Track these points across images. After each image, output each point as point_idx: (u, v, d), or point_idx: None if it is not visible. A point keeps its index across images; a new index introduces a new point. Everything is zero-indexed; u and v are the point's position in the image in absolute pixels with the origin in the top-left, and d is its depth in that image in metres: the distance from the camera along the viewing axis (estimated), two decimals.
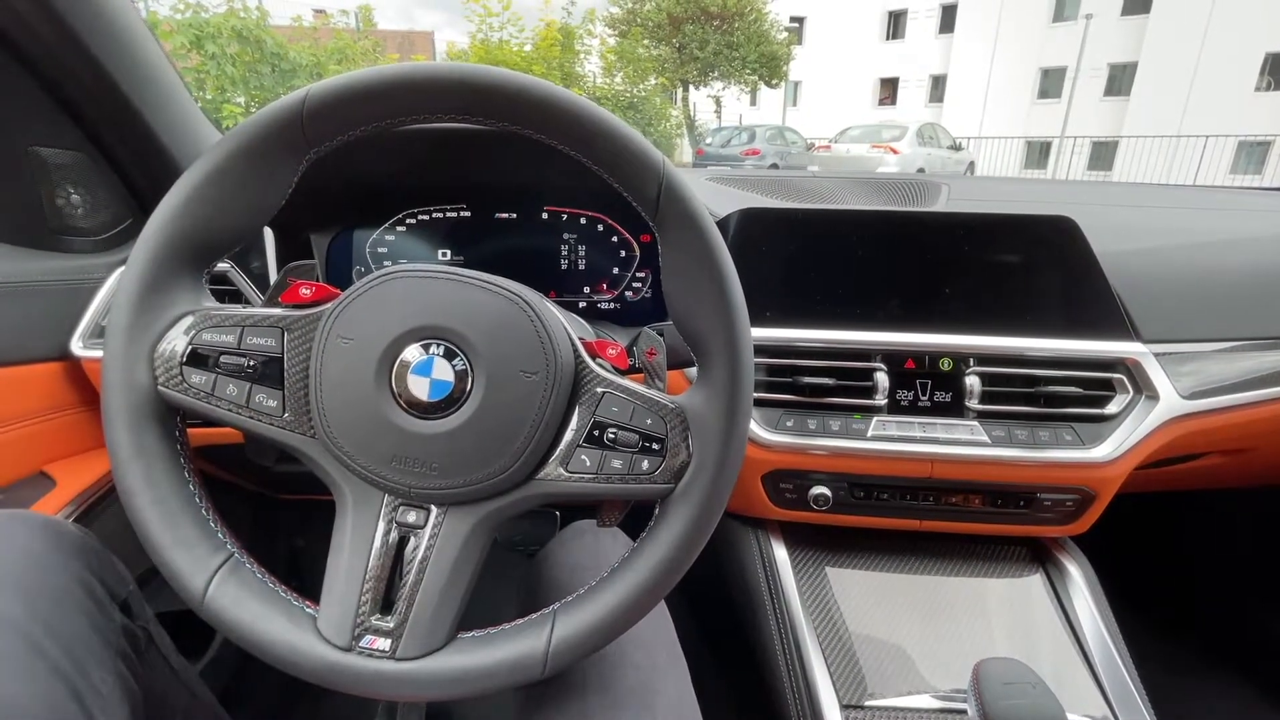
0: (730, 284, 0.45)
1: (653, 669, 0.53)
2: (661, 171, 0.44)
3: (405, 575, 0.45)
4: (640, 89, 11.90)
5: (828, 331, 0.74)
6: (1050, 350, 0.72)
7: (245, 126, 0.44)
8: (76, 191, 0.77)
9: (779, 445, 0.72)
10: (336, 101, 0.43)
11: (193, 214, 0.44)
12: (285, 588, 0.46)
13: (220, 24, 5.38)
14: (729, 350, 0.45)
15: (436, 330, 0.44)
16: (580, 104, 0.43)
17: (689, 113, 16.58)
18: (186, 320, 0.45)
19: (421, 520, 0.45)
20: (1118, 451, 0.70)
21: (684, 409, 0.45)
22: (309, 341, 0.45)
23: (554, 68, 9.68)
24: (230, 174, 0.44)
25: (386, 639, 0.44)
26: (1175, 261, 0.83)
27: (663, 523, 0.45)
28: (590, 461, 0.45)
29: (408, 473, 0.43)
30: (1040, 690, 0.49)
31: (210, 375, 0.45)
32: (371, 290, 0.44)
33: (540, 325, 0.44)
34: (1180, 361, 0.73)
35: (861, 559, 0.79)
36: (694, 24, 15.26)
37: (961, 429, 0.72)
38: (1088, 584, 0.74)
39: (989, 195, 1.06)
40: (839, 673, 0.68)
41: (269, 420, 0.45)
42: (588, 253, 0.88)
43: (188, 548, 0.43)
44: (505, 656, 0.43)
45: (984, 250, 0.76)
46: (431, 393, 0.43)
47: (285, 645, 0.43)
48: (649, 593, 0.44)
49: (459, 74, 0.43)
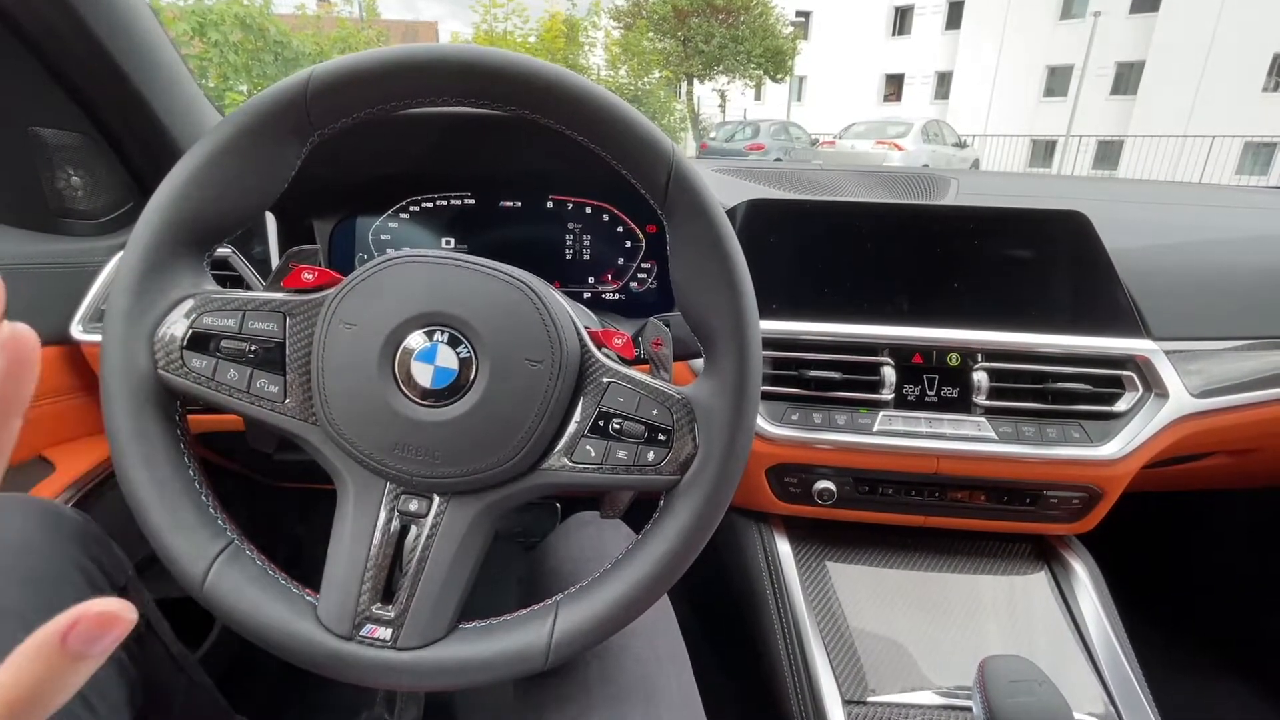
0: (740, 275, 0.44)
1: (655, 662, 0.52)
2: (671, 159, 0.43)
3: (407, 564, 0.44)
4: (645, 82, 11.86)
5: (834, 325, 0.73)
6: (1060, 347, 0.71)
7: (248, 107, 0.43)
8: (77, 174, 0.76)
9: (784, 439, 0.71)
10: (341, 83, 0.42)
11: (193, 196, 0.43)
12: (285, 575, 0.45)
13: (223, 11, 5.37)
14: (737, 342, 0.44)
15: (440, 317, 0.43)
16: (589, 88, 0.42)
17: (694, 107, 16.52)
18: (187, 304, 0.44)
19: (424, 509, 0.45)
20: (1126, 450, 0.69)
21: (691, 400, 0.45)
22: (311, 327, 0.44)
23: (558, 59, 9.66)
24: (232, 156, 0.43)
25: (387, 628, 0.43)
26: (1187, 259, 0.82)
27: (668, 515, 0.45)
28: (595, 452, 0.44)
29: (410, 460, 0.43)
30: (1047, 688, 0.48)
31: (211, 360, 0.44)
32: (375, 276, 0.44)
33: (546, 313, 0.43)
34: (1190, 360, 0.73)
35: (865, 554, 0.78)
36: (699, 17, 15.19)
37: (968, 425, 0.71)
38: (1093, 582, 0.74)
39: (998, 190, 1.04)
40: (841, 668, 0.67)
41: (270, 406, 0.45)
42: (593, 243, 0.87)
43: (187, 533, 0.43)
44: (507, 647, 0.43)
45: (993, 244, 0.75)
46: (435, 380, 0.42)
47: (285, 633, 0.42)
48: (653, 585, 0.44)
49: (466, 55, 0.42)
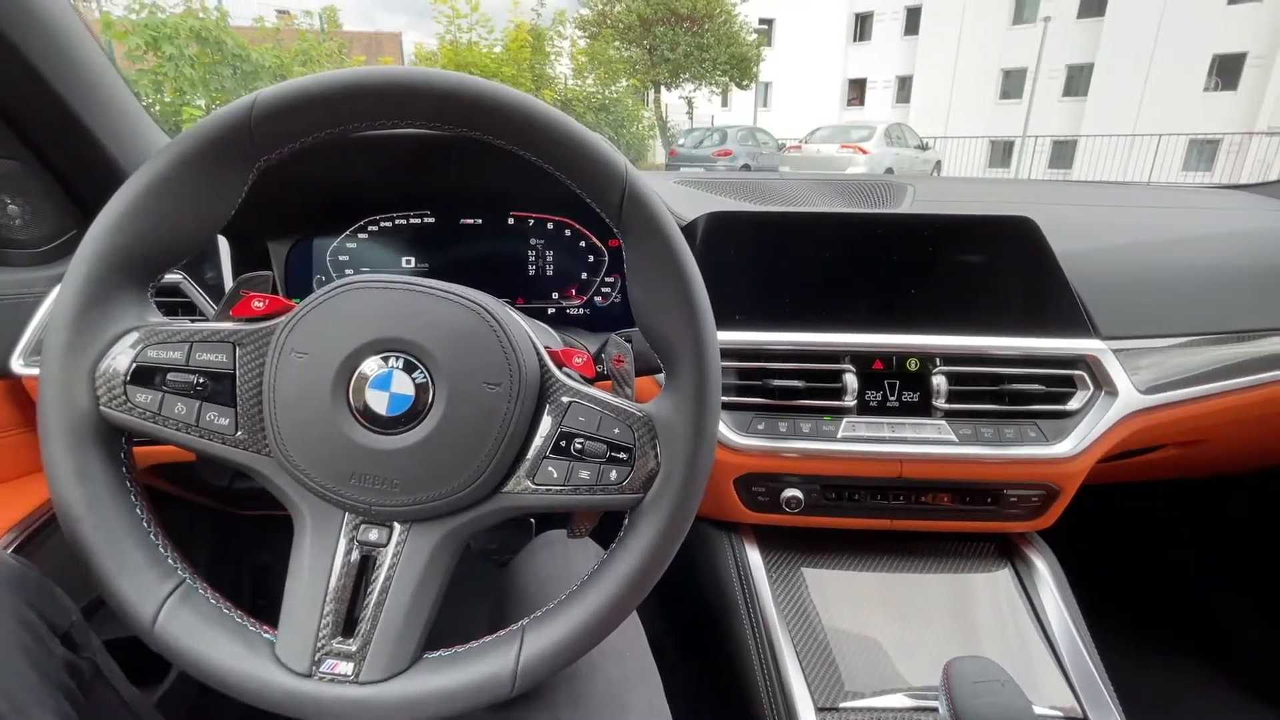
0: (696, 290, 0.44)
1: (624, 681, 0.52)
2: (625, 177, 0.43)
3: (368, 596, 0.43)
4: (612, 91, 11.88)
5: (797, 334, 0.74)
6: (1013, 349, 0.73)
7: (189, 134, 0.42)
8: (14, 201, 0.73)
9: (750, 449, 0.72)
10: (287, 107, 0.42)
11: (134, 226, 0.42)
12: (241, 613, 0.44)
13: (178, 24, 5.23)
14: (696, 357, 0.44)
15: (395, 342, 0.42)
16: (540, 109, 0.42)
17: (662, 114, 16.62)
18: (130, 337, 0.43)
19: (384, 538, 0.44)
20: (1079, 447, 0.71)
21: (652, 417, 0.45)
22: (262, 357, 0.43)
23: (524, 69, 9.60)
24: (174, 183, 0.42)
25: (349, 662, 0.42)
26: (1131, 259, 0.85)
27: (632, 533, 0.45)
28: (557, 473, 0.44)
29: (368, 490, 0.42)
30: (1009, 688, 0.49)
31: (157, 394, 0.43)
32: (326, 302, 0.43)
33: (503, 335, 0.43)
34: (1137, 357, 0.75)
35: (835, 559, 0.79)
36: (664, 26, 15.31)
37: (929, 428, 0.73)
38: (1054, 577, 0.76)
39: (954, 196, 1.07)
40: (814, 675, 0.68)
41: (221, 439, 0.43)
42: (556, 258, 0.87)
43: (134, 575, 0.41)
44: (473, 677, 0.42)
45: (947, 251, 0.77)
46: (391, 407, 0.42)
47: (241, 673, 0.41)
48: (619, 605, 0.44)
49: (417, 79, 0.42)
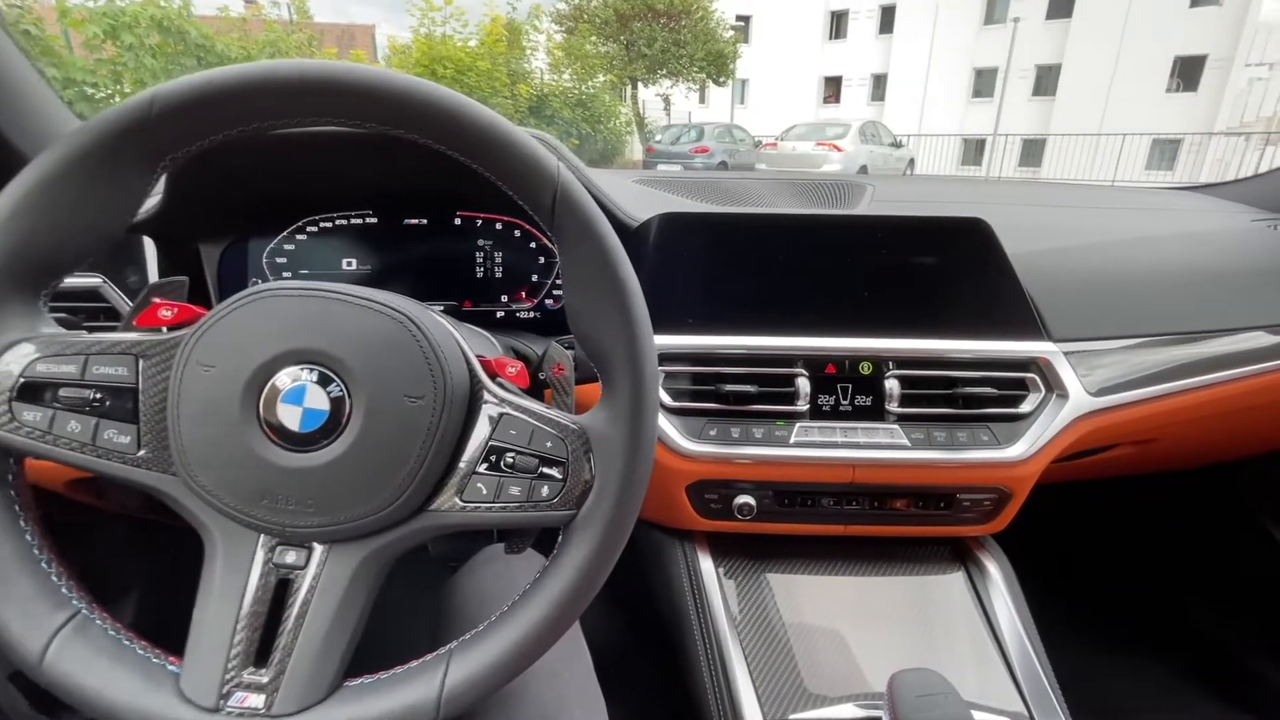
0: (631, 297, 0.43)
1: (559, 702, 0.50)
2: (556, 178, 0.41)
3: (284, 621, 0.41)
4: (589, 86, 11.81)
5: (749, 338, 0.73)
6: (966, 351, 0.73)
7: (82, 130, 0.39)
8: None
9: (702, 455, 0.70)
10: (190, 104, 0.39)
11: (22, 228, 0.39)
12: (145, 644, 0.42)
13: (138, 13, 5.05)
14: (631, 366, 0.43)
15: (308, 354, 0.40)
16: (466, 106, 0.40)
17: (639, 110, 16.57)
18: (19, 349, 0.40)
19: (302, 560, 0.42)
20: (1031, 450, 0.71)
21: (586, 429, 0.43)
22: (168, 369, 0.41)
23: (500, 64, 9.48)
24: (66, 183, 0.39)
25: (260, 694, 0.40)
26: (1082, 261, 0.85)
27: (565, 550, 0.43)
28: (487, 489, 0.42)
29: (281, 511, 0.40)
30: (952, 699, 0.49)
31: (47, 411, 0.40)
32: (235, 311, 0.41)
33: (426, 344, 0.41)
34: (1088, 359, 0.75)
35: (789, 565, 0.78)
36: (641, 21, 15.24)
37: (882, 432, 0.72)
38: (1005, 581, 0.76)
39: (912, 196, 1.07)
40: (764, 687, 0.67)
41: (121, 458, 0.41)
42: (504, 259, 0.85)
43: (20, 605, 0.39)
44: (394, 705, 0.40)
45: (900, 253, 0.77)
46: (304, 423, 0.40)
47: (139, 709, 0.39)
48: (552, 626, 0.42)
49: (332, 73, 0.39)
